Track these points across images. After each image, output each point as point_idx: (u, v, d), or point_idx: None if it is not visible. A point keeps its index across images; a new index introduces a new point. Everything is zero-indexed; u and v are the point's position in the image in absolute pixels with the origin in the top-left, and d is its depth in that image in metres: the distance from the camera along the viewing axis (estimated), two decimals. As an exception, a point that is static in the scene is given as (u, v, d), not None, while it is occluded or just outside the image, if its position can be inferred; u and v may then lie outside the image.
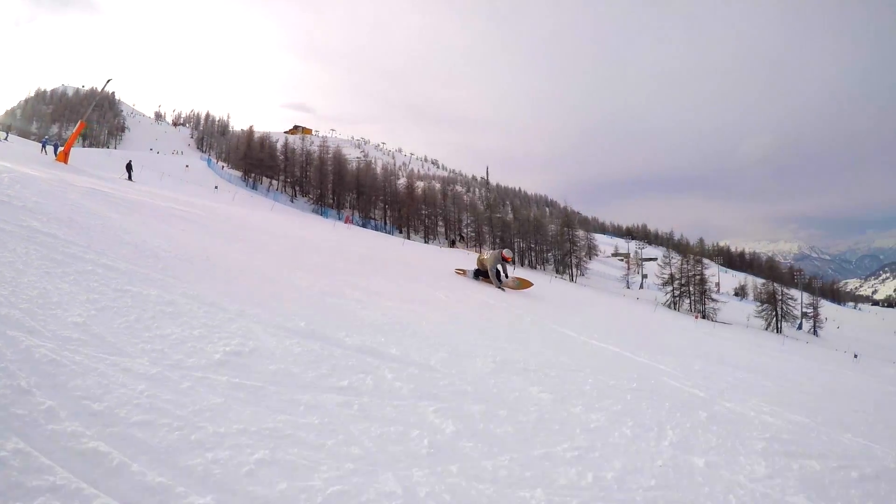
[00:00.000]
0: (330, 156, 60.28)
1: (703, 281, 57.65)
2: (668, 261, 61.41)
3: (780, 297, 55.57)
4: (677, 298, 57.67)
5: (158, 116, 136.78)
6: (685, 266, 59.28)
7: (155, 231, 5.78)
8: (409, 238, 51.05)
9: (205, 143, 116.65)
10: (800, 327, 58.74)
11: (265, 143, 59.76)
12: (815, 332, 58.28)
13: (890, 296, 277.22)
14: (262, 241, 9.01)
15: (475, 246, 59.53)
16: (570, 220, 66.22)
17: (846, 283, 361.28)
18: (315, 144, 65.81)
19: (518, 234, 61.32)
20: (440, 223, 62.10)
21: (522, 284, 14.00)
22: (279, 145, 62.05)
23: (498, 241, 58.03)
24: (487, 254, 13.78)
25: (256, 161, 55.67)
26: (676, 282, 58.62)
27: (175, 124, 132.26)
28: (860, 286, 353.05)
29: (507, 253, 13.66)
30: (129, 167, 27.95)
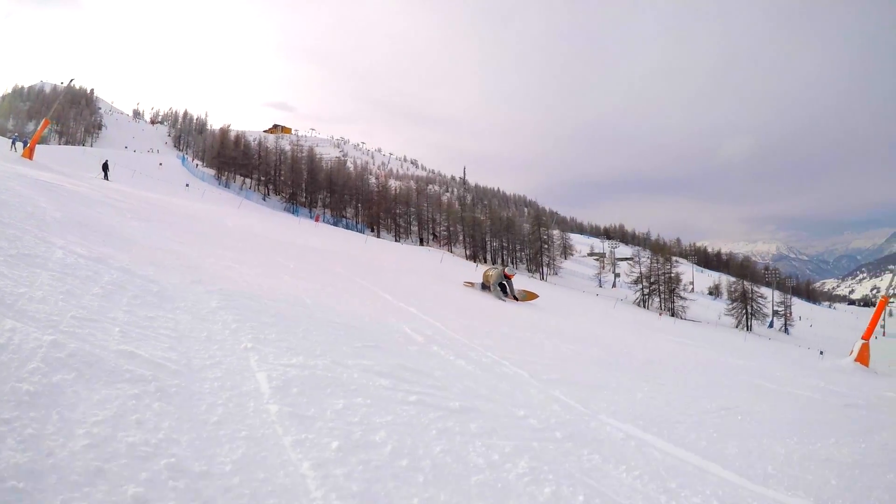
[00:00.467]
0: (304, 154, 60.69)
1: (671, 280, 58.96)
2: (637, 260, 62.66)
3: (750, 296, 57.23)
4: (647, 297, 58.96)
5: (137, 114, 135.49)
6: (654, 265, 60.62)
7: (65, 209, 6.43)
8: (378, 237, 51.75)
9: (182, 142, 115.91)
10: (771, 325, 60.02)
11: (239, 141, 59.95)
12: (785, 330, 59.73)
13: (866, 295, 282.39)
14: (170, 222, 9.66)
15: (447, 245, 60.47)
16: (542, 219, 67.16)
17: (823, 283, 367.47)
18: (287, 142, 66.33)
19: (490, 233, 62.14)
20: (413, 222, 62.77)
21: (528, 296, 14.43)
22: (254, 143, 62.28)
23: (469, 239, 58.93)
24: (492, 270, 14.30)
25: (229, 159, 55.85)
26: (646, 280, 59.97)
27: (153, 122, 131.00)
28: (837, 286, 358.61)
29: (509, 271, 14.10)
30: (105, 167, 27.79)
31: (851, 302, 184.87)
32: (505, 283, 13.64)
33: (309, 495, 1.53)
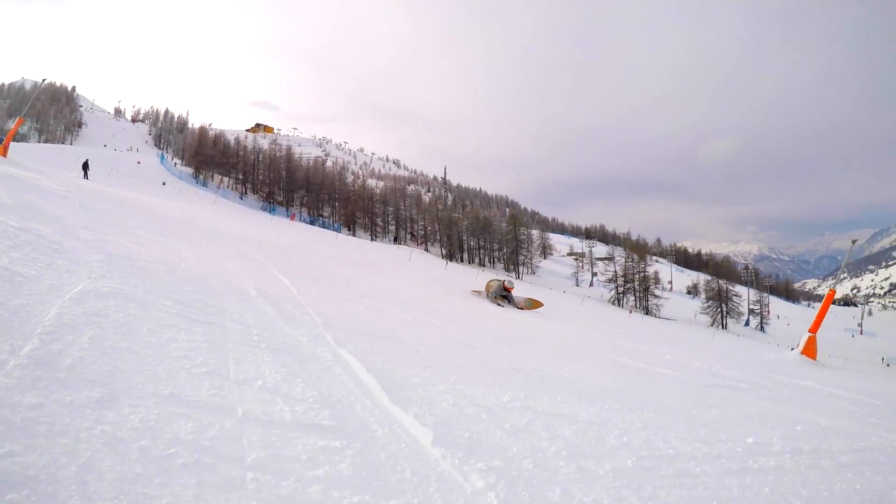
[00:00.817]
0: (282, 153, 61.37)
1: (646, 278, 60.32)
2: (612, 258, 64.02)
3: (724, 294, 57.71)
4: (621, 295, 60.20)
5: (118, 112, 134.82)
6: (629, 263, 62.03)
7: (18, 197, 7.12)
8: (354, 235, 52.65)
9: (162, 140, 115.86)
10: (747, 324, 60.81)
11: (218, 140, 60.50)
12: (761, 329, 60.25)
13: (847, 295, 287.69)
14: (116, 212, 10.48)
15: (423, 244, 61.56)
16: (518, 219, 68.34)
17: (805, 283, 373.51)
18: (269, 141, 66.90)
19: (467, 233, 63.18)
20: (391, 221, 63.69)
21: (534, 304, 14.91)
22: (233, 142, 62.82)
23: (445, 239, 59.92)
24: (494, 282, 14.89)
25: (207, 158, 56.39)
26: (620, 279, 61.32)
27: (134, 121, 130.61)
28: (818, 286, 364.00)
29: (508, 284, 14.64)
30: (85, 166, 28.27)
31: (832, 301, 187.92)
32: (504, 295, 14.33)
33: (43, 319, 2.64)
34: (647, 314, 53.98)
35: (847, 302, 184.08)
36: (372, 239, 55.37)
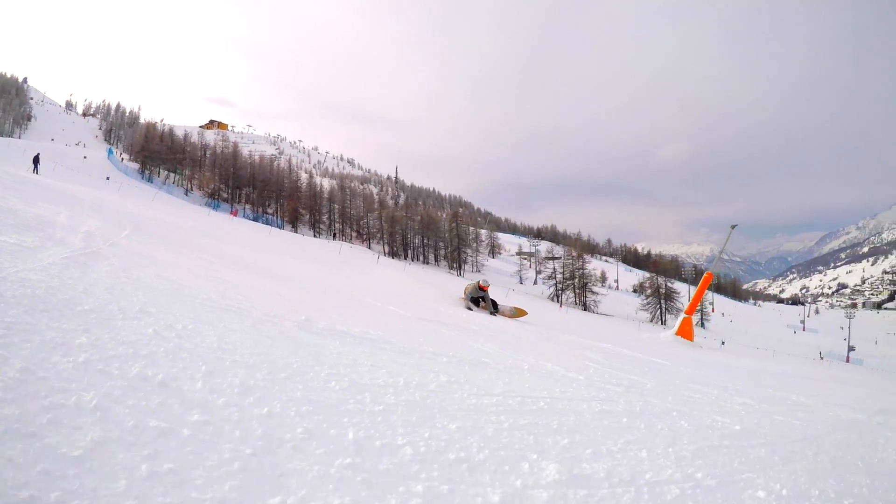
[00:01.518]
0: (229, 150, 62.88)
1: (584, 275, 64.26)
2: (556, 257, 67.80)
3: (663, 291, 61.63)
4: (560, 291, 63.83)
5: (69, 106, 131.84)
6: (567, 261, 65.97)
7: None
8: (296, 231, 54.91)
9: (113, 135, 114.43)
10: None
11: (164, 135, 61.59)
12: (701, 324, 62.77)
13: (795, 294, 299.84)
14: (31, 191, 12.26)
15: (366, 241, 64.20)
16: (461, 218, 71.52)
17: (756, 283, 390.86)
18: (220, 138, 67.97)
19: (412, 231, 65.68)
20: (337, 219, 65.83)
21: (518, 313, 14.73)
22: (181, 138, 63.87)
23: (387, 236, 62.51)
24: (471, 285, 14.60)
25: (154, 153, 57.51)
26: (559, 275, 65.10)
27: (85, 115, 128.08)
28: (769, 286, 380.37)
29: (483, 283, 14.27)
30: (36, 160, 29.45)
31: (781, 300, 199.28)
32: (482, 296, 14.15)
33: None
34: (585, 310, 57.83)
35: (795, 301, 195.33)
36: (315, 236, 57.57)
